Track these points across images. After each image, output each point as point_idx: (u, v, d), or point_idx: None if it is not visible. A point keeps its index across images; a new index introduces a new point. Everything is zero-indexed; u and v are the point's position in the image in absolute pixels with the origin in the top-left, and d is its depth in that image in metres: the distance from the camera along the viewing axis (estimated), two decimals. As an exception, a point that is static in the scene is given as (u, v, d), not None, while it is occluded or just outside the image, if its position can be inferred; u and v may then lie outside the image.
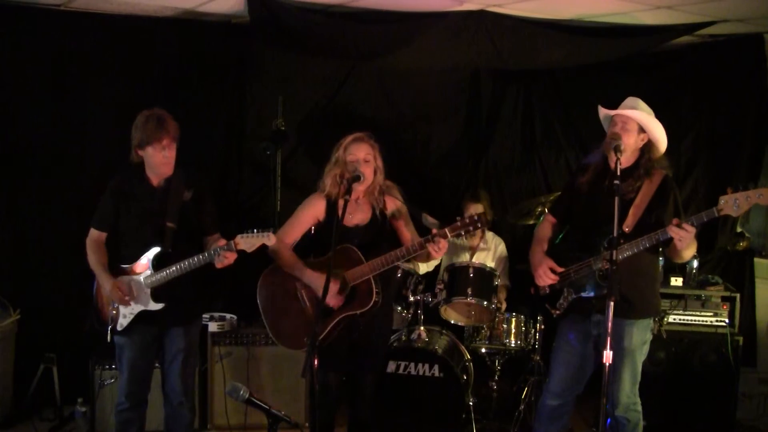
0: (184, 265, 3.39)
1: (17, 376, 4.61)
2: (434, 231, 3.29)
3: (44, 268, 4.73)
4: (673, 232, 3.11)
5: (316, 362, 2.96)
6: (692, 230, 3.08)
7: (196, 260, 3.37)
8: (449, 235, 3.29)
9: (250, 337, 4.49)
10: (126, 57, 4.69)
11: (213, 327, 4.47)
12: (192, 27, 4.78)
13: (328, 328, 3.40)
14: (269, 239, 3.26)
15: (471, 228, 3.28)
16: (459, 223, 3.30)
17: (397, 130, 5.39)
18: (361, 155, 3.47)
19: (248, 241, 3.26)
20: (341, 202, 3.35)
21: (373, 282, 3.42)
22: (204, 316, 4.50)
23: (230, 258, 3.33)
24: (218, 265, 3.36)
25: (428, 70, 5.25)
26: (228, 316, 4.57)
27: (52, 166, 4.65)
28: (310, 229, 3.66)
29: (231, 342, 4.49)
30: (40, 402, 4.60)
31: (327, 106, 5.26)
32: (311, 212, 3.60)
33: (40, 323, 4.61)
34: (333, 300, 3.37)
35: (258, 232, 3.26)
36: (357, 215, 3.56)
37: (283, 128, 4.81)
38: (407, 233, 3.61)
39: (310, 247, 3.69)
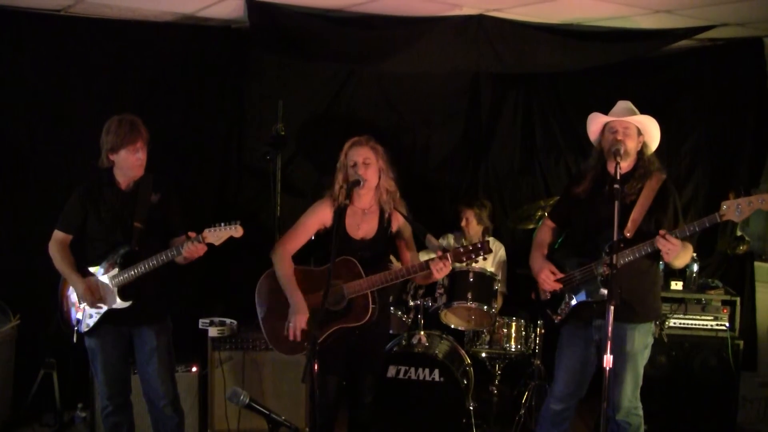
0: (152, 262, 3.41)
1: (17, 381, 4.61)
2: (439, 253, 3.32)
3: (44, 273, 4.70)
4: (661, 244, 3.11)
5: (316, 367, 2.96)
6: (677, 243, 3.09)
7: (163, 256, 3.40)
8: (451, 261, 3.32)
9: (251, 342, 4.46)
10: (126, 62, 4.69)
11: (213, 332, 4.45)
12: (192, 32, 4.78)
13: (322, 338, 3.39)
14: (236, 231, 3.32)
15: (473, 255, 3.33)
16: (462, 250, 3.34)
17: (397, 134, 5.39)
18: (360, 159, 3.47)
19: (216, 234, 3.32)
20: (347, 207, 3.36)
21: (370, 297, 3.43)
22: (204, 320, 4.50)
23: (199, 250, 3.36)
24: (185, 255, 3.37)
25: (428, 74, 5.25)
26: (228, 321, 4.54)
27: (53, 170, 4.64)
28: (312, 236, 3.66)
29: (231, 347, 4.47)
30: (40, 407, 4.58)
31: (327, 110, 5.26)
32: (317, 218, 3.59)
33: (40, 328, 4.59)
34: (298, 331, 3.41)
35: (225, 225, 3.32)
36: (363, 227, 3.56)
37: (283, 133, 4.81)
38: (407, 253, 3.63)
39: (312, 252, 3.69)
